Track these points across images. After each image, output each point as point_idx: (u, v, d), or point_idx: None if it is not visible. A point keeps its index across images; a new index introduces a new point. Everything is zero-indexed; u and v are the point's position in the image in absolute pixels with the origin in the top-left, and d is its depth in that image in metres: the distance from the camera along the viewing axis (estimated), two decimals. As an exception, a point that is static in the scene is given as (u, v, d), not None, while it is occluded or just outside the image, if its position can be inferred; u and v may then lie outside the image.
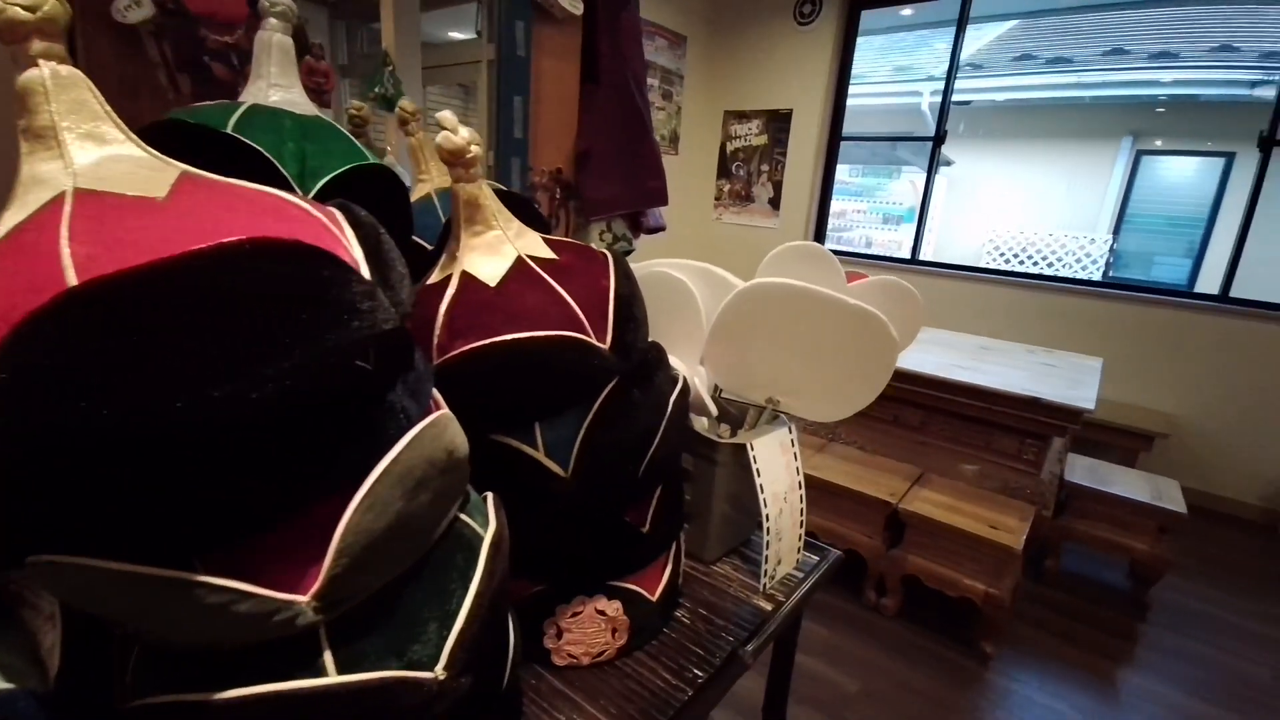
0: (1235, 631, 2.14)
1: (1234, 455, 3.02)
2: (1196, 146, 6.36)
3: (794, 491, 0.69)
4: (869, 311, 0.60)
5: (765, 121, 4.22)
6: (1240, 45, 5.47)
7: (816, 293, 0.59)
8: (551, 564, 0.52)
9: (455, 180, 0.47)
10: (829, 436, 2.44)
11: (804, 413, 0.69)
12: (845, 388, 0.66)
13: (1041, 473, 2.07)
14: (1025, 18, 6.28)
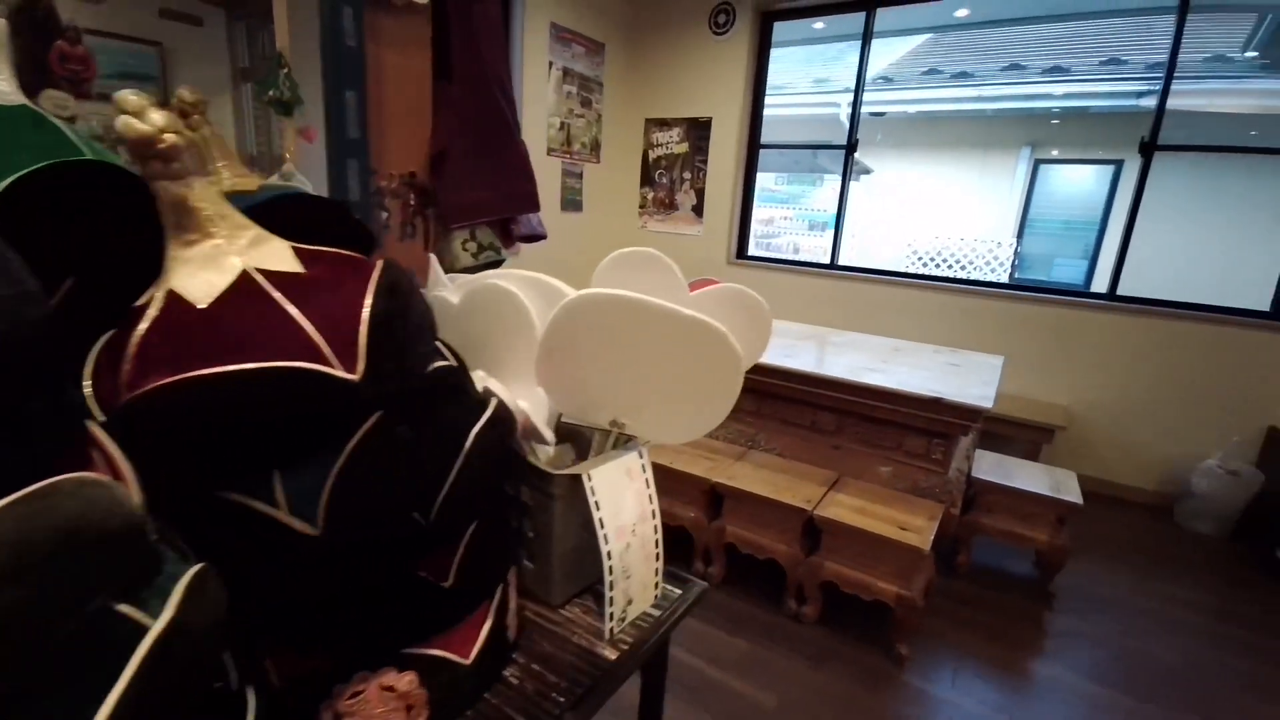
0: (1138, 613, 2.24)
1: (1128, 444, 3.20)
2: (1089, 155, 6.84)
3: (646, 522, 0.62)
4: (706, 323, 0.54)
5: (686, 129, 4.23)
6: (1127, 58, 5.91)
7: (648, 304, 0.53)
8: (323, 635, 0.44)
9: (151, 178, 0.38)
10: (748, 444, 2.42)
11: (654, 435, 0.63)
12: (692, 406, 0.60)
13: (949, 471, 2.11)
14: (927, 32, 6.60)
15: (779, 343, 2.68)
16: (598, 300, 0.53)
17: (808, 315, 3.90)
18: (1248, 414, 2.93)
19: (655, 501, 0.63)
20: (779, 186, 7.84)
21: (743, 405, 2.50)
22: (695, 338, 0.55)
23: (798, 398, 2.29)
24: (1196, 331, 2.99)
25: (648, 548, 0.62)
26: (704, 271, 4.28)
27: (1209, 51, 5.65)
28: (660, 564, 0.65)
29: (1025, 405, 3.25)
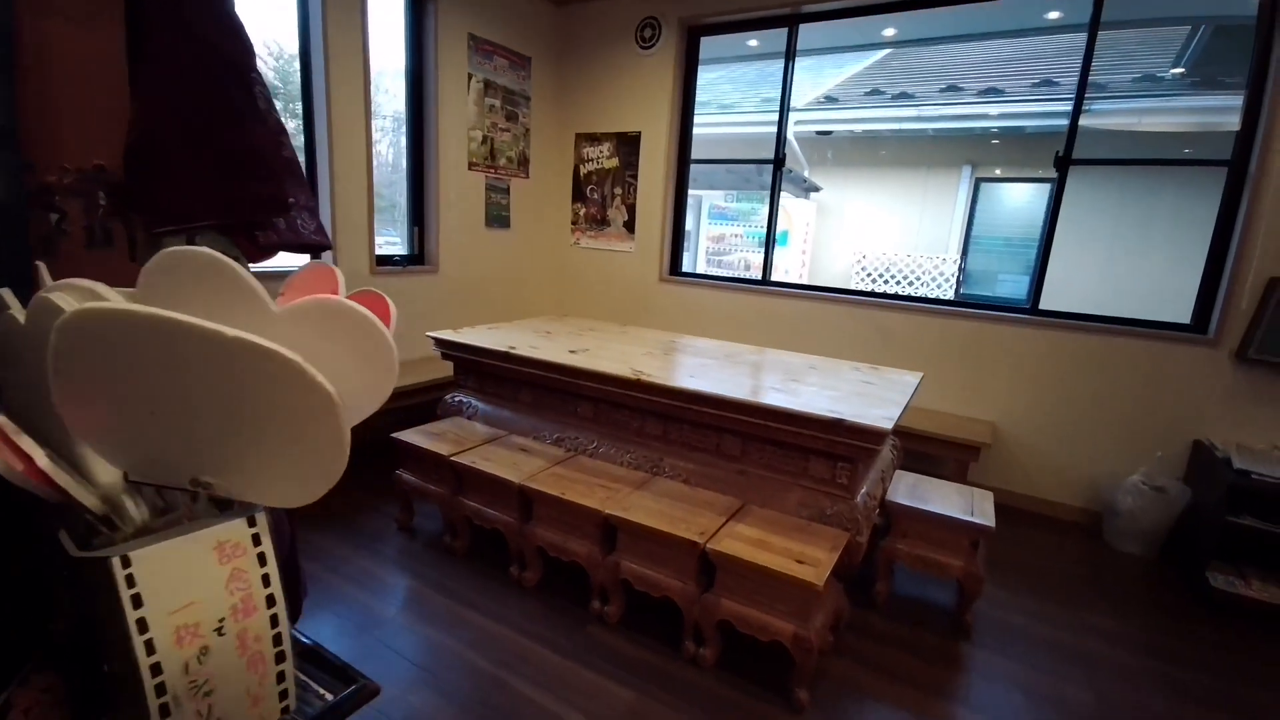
0: (1055, 648, 2.13)
1: (1055, 460, 3.14)
2: (1026, 174, 6.97)
3: (252, 614, 0.47)
4: (269, 351, 0.39)
5: (615, 144, 4.14)
6: (1059, 79, 6.03)
7: (179, 323, 0.38)
8: None
9: None
10: (652, 470, 2.27)
11: (259, 495, 0.47)
12: (291, 459, 0.45)
13: (855, 496, 1.99)
14: (857, 50, 6.67)
15: (689, 362, 2.56)
16: (96, 318, 0.38)
17: (741, 333, 3.81)
18: (1173, 428, 2.89)
19: (275, 583, 0.48)
20: (728, 204, 7.82)
21: (647, 429, 2.37)
22: (263, 370, 0.40)
23: (703, 420, 2.16)
24: (1120, 345, 2.96)
25: (252, 649, 0.47)
26: (636, 290, 4.18)
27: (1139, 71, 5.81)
28: (288, 666, 0.50)
29: (953, 423, 3.17)
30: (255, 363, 0.40)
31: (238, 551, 0.47)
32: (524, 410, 2.61)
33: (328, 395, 0.42)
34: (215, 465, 0.46)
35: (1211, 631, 2.28)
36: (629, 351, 2.62)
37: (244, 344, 0.40)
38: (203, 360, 0.40)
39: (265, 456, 0.45)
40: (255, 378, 0.41)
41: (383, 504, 2.75)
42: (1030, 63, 6.36)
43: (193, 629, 0.44)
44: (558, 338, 2.80)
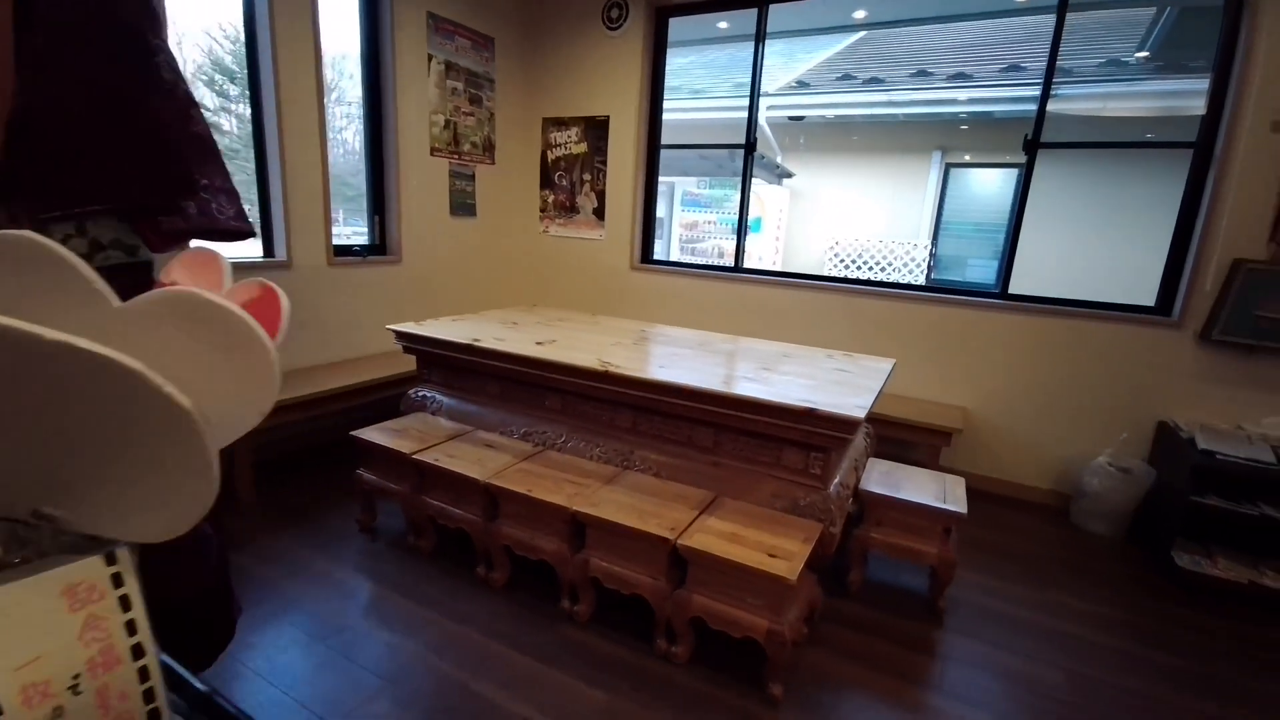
0: (1026, 629, 2.14)
1: (1024, 443, 3.16)
2: (995, 159, 7.02)
3: (115, 668, 0.39)
4: (96, 355, 0.32)
5: (584, 129, 4.03)
6: (1027, 65, 6.06)
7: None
8: None
9: None
10: (622, 464, 2.22)
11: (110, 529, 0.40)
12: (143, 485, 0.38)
13: (829, 486, 1.95)
14: (829, 33, 6.63)
15: (661, 351, 2.50)
16: None
17: (715, 322, 3.76)
18: (1138, 410, 2.92)
19: (144, 630, 0.40)
20: (701, 190, 7.76)
21: (617, 422, 2.31)
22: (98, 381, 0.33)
23: (674, 412, 2.10)
24: (1087, 329, 2.98)
25: (117, 708, 0.39)
26: (607, 279, 4.10)
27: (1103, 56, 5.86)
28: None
29: (925, 408, 3.17)
30: (87, 372, 0.33)
31: (93, 595, 0.40)
32: (490, 404, 2.53)
33: (183, 411, 0.34)
34: (57, 494, 0.38)
35: (1178, 610, 2.31)
36: (598, 342, 2.55)
37: (69, 349, 0.32)
38: (21, 369, 0.33)
39: (117, 484, 0.38)
40: (90, 390, 0.33)
41: (344, 504, 2.65)
42: (998, 48, 6.38)
43: (41, 687, 0.37)
44: (525, 329, 2.71)
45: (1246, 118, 2.54)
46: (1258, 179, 2.56)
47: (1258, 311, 2.56)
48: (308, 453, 3.17)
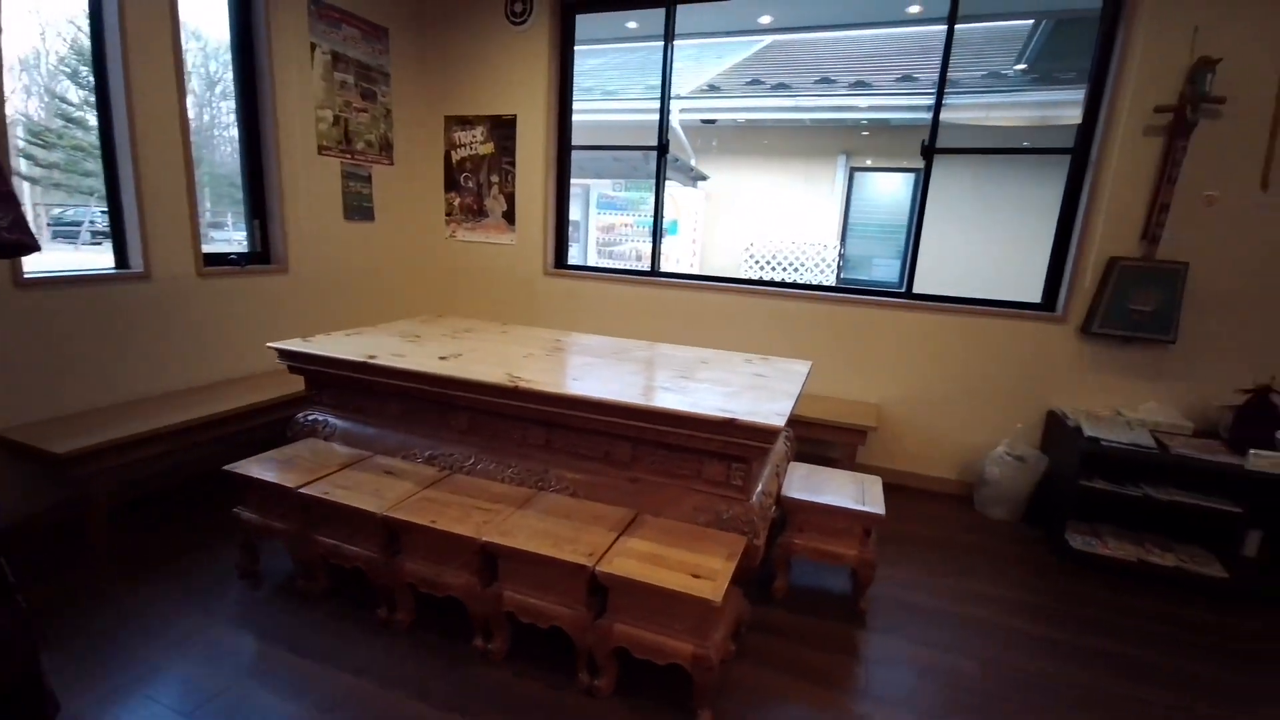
0: (943, 621, 2.18)
1: (932, 436, 3.28)
2: (894, 164, 7.38)
3: None
4: None
5: (490, 128, 3.84)
6: (918, 75, 6.39)
7: None
8: None
9: None
10: (536, 485, 2.07)
11: None
12: None
13: (751, 497, 1.90)
14: (734, 36, 6.74)
15: (576, 361, 2.37)
16: None
17: (633, 327, 3.67)
18: (1030, 400, 3.09)
19: None
20: (617, 193, 7.69)
21: (530, 439, 2.16)
22: None
23: (589, 427, 1.98)
24: (983, 325, 3.12)
25: None
26: (520, 285, 3.91)
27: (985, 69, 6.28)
28: None
29: (841, 407, 3.22)
30: None
31: None
32: (390, 426, 2.32)
33: None
34: None
35: (1076, 588, 2.44)
36: (508, 354, 2.39)
37: None
38: None
39: None
40: None
41: (220, 548, 2.35)
42: (893, 58, 6.70)
43: None
44: (428, 342, 2.51)
45: (1120, 124, 2.74)
46: (1130, 182, 2.75)
47: (1131, 305, 2.76)
48: (176, 491, 2.80)
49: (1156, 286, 2.72)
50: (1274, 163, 2.55)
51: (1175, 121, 2.62)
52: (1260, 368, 2.64)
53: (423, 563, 1.89)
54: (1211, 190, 2.65)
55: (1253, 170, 2.58)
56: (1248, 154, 2.58)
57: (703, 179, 7.89)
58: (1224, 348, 2.74)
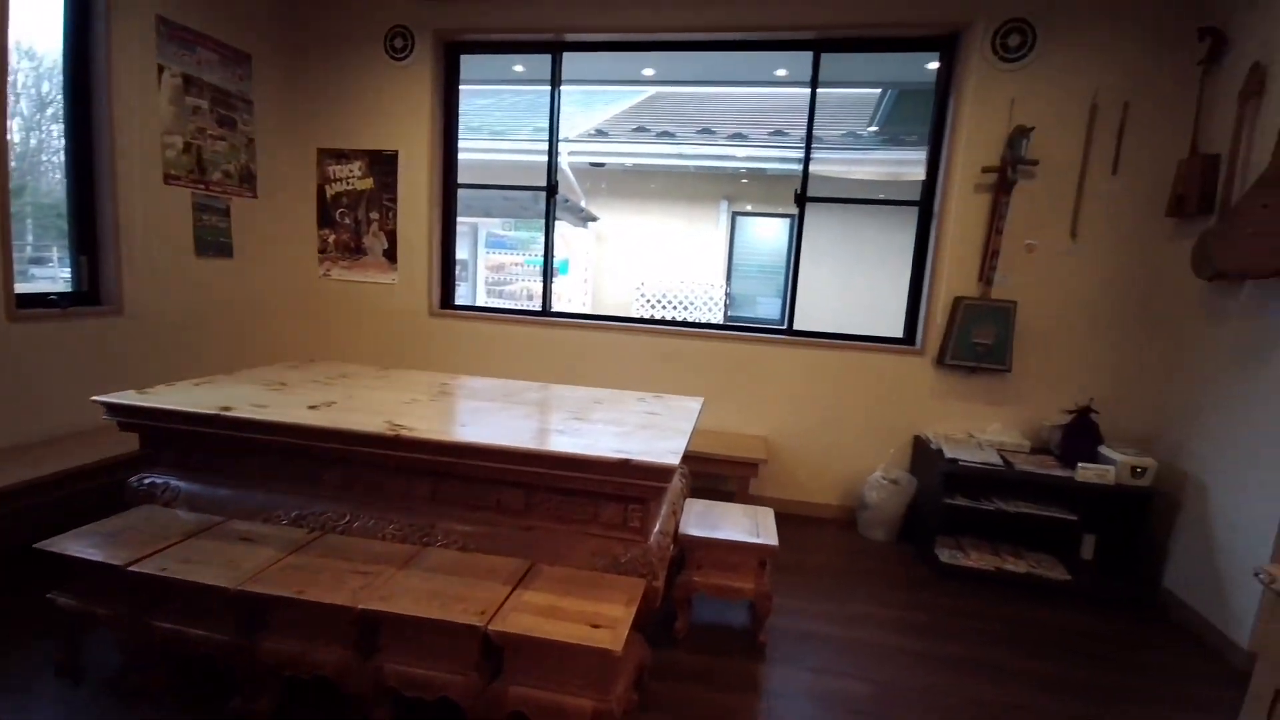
0: (836, 646, 2.25)
1: (816, 465, 3.45)
2: (771, 210, 7.93)
3: None
4: None
5: (368, 163, 3.67)
6: (788, 130, 6.96)
7: None
8: None
9: None
10: (421, 541, 1.93)
11: None
12: None
13: (649, 539, 1.88)
14: (618, 85, 7.04)
15: (464, 405, 2.26)
16: None
17: (525, 368, 3.59)
18: (899, 427, 3.35)
19: None
20: (507, 232, 7.62)
21: (414, 491, 2.01)
22: None
23: (480, 475, 1.88)
24: (856, 358, 3.36)
25: None
26: (403, 326, 3.71)
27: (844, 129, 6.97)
28: None
29: (733, 441, 3.32)
30: None
31: None
32: (248, 486, 2.07)
33: None
34: None
35: (946, 600, 2.62)
36: (388, 400, 2.24)
37: None
38: None
39: None
40: None
41: (32, 641, 1.95)
42: (766, 114, 7.27)
43: None
44: (295, 390, 2.29)
45: (955, 182, 3.11)
46: (966, 231, 3.12)
47: (974, 339, 3.10)
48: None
49: (993, 322, 3.08)
50: (1081, 215, 3.01)
51: (999, 180, 3.02)
52: (1080, 390, 3.04)
53: (288, 641, 1.67)
54: (1031, 239, 3.06)
55: (1064, 221, 3.03)
56: (1059, 208, 3.02)
57: (593, 220, 8.02)
58: (1049, 374, 3.13)
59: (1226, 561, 2.40)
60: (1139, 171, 2.92)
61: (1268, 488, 2.23)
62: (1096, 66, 2.91)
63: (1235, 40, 2.58)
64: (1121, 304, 3.03)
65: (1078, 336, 3.09)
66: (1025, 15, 2.93)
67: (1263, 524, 2.24)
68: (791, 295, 3.52)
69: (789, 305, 3.53)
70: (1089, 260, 3.03)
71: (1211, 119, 2.68)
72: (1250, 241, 2.24)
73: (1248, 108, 2.44)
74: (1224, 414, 2.50)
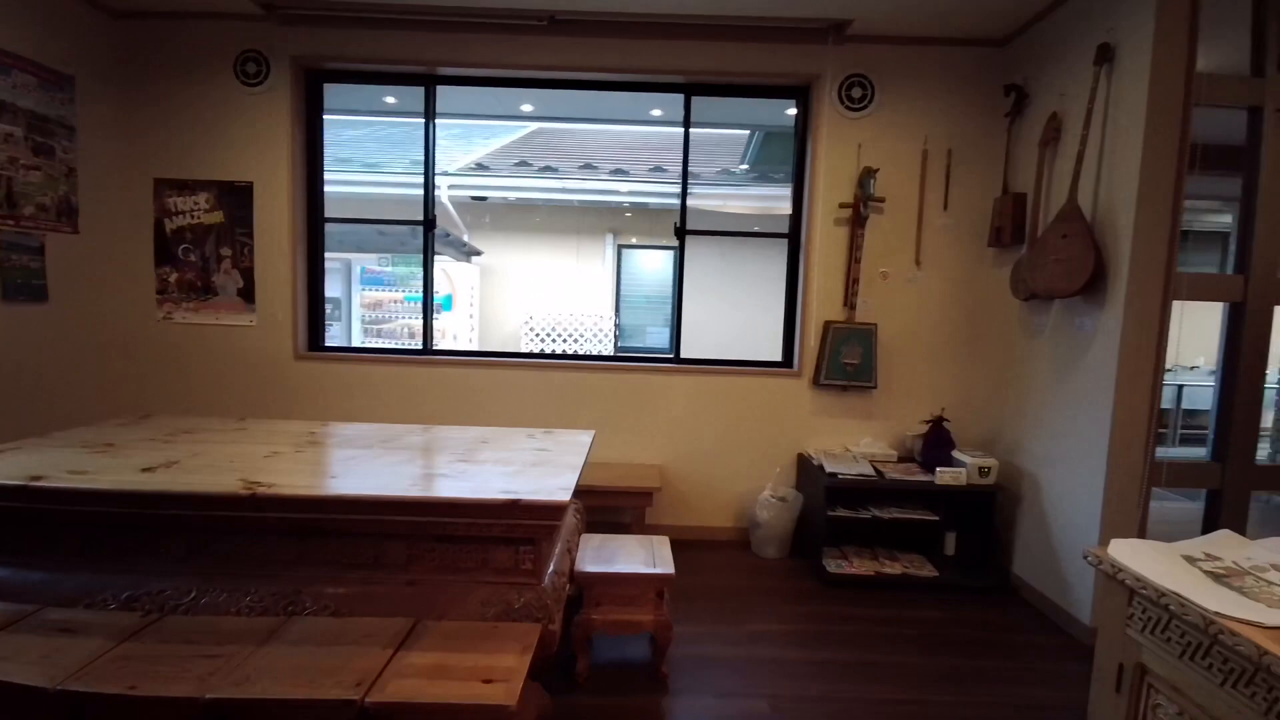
0: (736, 667, 2.28)
1: (710, 489, 3.53)
2: (655, 242, 8.18)
3: None
4: None
5: (217, 195, 3.36)
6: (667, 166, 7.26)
7: None
8: None
9: None
10: (286, 610, 1.73)
11: None
12: None
13: (543, 580, 1.81)
14: (499, 120, 7.05)
15: (336, 455, 2.09)
16: None
17: (408, 411, 3.39)
18: (784, 446, 3.51)
19: None
20: (384, 268, 7.26)
21: (276, 556, 1.81)
22: None
23: (355, 530, 1.73)
24: (742, 382, 3.51)
25: None
26: (264, 372, 3.36)
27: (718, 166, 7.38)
28: None
29: (628, 471, 3.32)
30: None
31: None
32: (66, 568, 1.76)
33: None
34: None
35: (835, 608, 2.75)
36: (246, 454, 2.02)
37: None
38: None
39: None
40: None
41: None
42: (646, 151, 7.55)
43: None
44: (125, 451, 2.01)
45: (818, 216, 3.38)
46: (830, 261, 3.39)
47: (844, 360, 3.35)
48: None
49: (858, 343, 3.34)
50: (922, 246, 3.36)
51: (854, 215, 3.32)
52: (935, 402, 3.37)
53: (115, 748, 1.42)
54: (884, 268, 3.38)
55: (909, 251, 3.37)
56: (905, 239, 3.36)
57: (476, 254, 7.86)
58: (909, 388, 3.44)
59: (1061, 546, 2.72)
60: (965, 208, 3.34)
61: (1088, 477, 2.57)
62: (924, 117, 3.31)
63: (1034, 95, 3.05)
64: (960, 323, 3.41)
65: (928, 353, 3.43)
66: (864, 71, 3.29)
67: (1088, 510, 2.57)
68: (677, 324, 3.63)
69: (675, 334, 3.63)
70: (932, 285, 3.39)
71: (1018, 163, 3.13)
72: (1054, 267, 2.61)
73: (1046, 152, 2.87)
74: (1048, 415, 2.87)
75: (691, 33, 3.22)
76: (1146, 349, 2.42)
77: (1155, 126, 2.34)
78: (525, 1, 3.02)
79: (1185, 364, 7.23)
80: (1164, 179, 2.35)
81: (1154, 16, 2.30)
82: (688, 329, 3.65)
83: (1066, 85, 2.79)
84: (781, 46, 3.26)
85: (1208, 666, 1.00)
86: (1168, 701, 1.10)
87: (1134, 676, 1.17)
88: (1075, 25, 2.74)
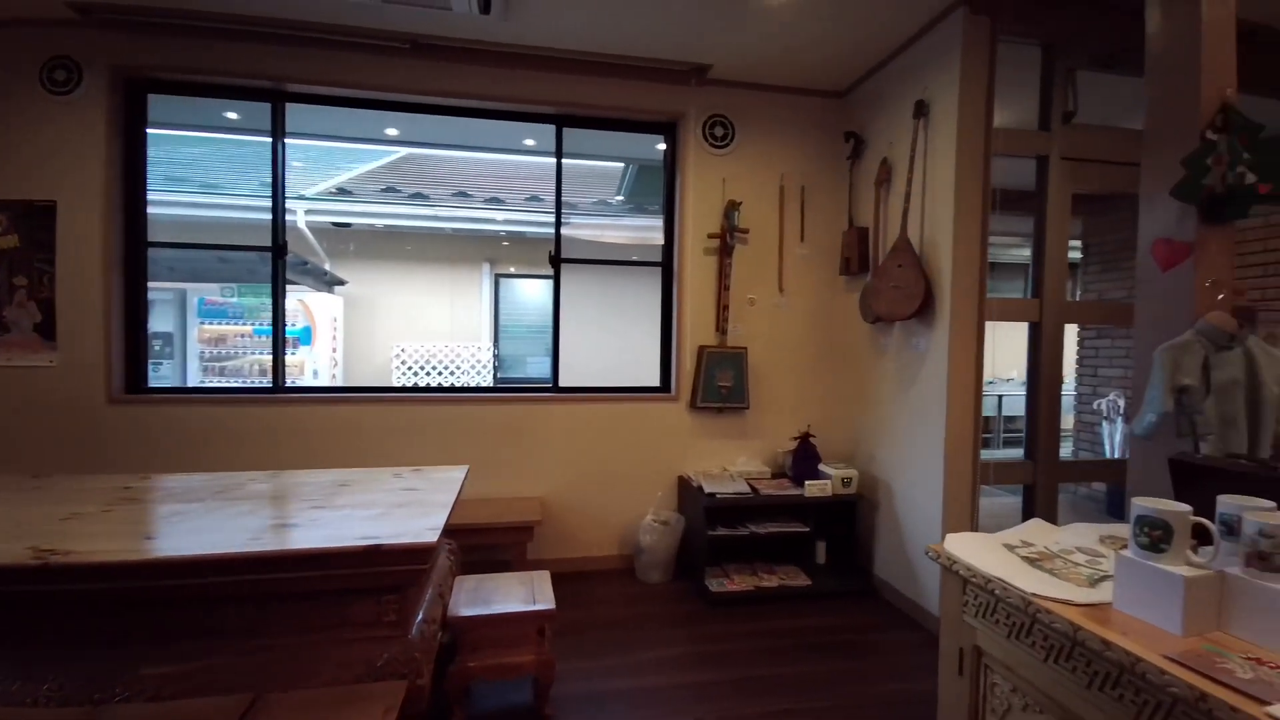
0: (625, 700, 2.23)
1: (592, 518, 3.49)
2: (533, 271, 8.11)
3: None
4: None
5: (13, 217, 2.87)
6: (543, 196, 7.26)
7: None
8: None
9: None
10: (97, 698, 1.45)
11: None
12: None
13: (410, 630, 1.67)
14: (360, 143, 6.73)
15: (158, 512, 1.82)
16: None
17: (252, 457, 3.04)
18: (664, 470, 3.56)
19: None
20: (228, 299, 6.55)
21: (87, 635, 1.51)
22: None
23: (185, 595, 1.50)
24: (621, 409, 3.52)
25: None
26: (68, 420, 2.82)
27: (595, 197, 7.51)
28: None
29: (507, 506, 3.20)
30: None
31: None
32: None
33: None
34: None
35: (719, 628, 2.80)
36: (38, 518, 1.70)
37: None
38: None
39: None
40: None
41: None
42: (522, 180, 7.52)
43: None
44: None
45: (688, 246, 3.52)
46: (702, 288, 3.54)
47: (718, 383, 3.48)
48: None
49: (731, 367, 3.50)
50: (784, 274, 3.61)
51: (721, 245, 3.50)
52: (802, 419, 3.59)
53: None
54: (752, 294, 3.59)
55: (773, 279, 3.60)
56: (768, 268, 3.59)
57: (340, 283, 7.34)
58: (778, 407, 3.65)
59: (912, 546, 2.98)
60: (818, 239, 3.64)
61: (930, 480, 2.84)
62: (780, 156, 3.59)
63: (869, 141, 3.41)
64: (821, 344, 3.68)
65: (794, 373, 3.67)
66: (725, 112, 3.51)
67: (931, 510, 2.83)
68: (555, 354, 3.59)
69: (554, 363, 3.59)
70: (794, 310, 3.64)
71: (860, 200, 3.48)
72: (892, 293, 2.90)
73: (881, 192, 3.21)
74: (895, 426, 3.15)
75: (562, 66, 3.27)
76: (969, 364, 2.75)
77: (963, 172, 2.70)
78: (385, 22, 2.91)
79: (1003, 376, 8.35)
80: (972, 218, 2.72)
81: (959, 78, 2.67)
82: (567, 358, 3.63)
83: (894, 134, 3.15)
84: (649, 84, 3.40)
85: (1031, 644, 1.12)
86: (1002, 680, 1.22)
87: (973, 659, 1.28)
88: (898, 82, 3.12)
